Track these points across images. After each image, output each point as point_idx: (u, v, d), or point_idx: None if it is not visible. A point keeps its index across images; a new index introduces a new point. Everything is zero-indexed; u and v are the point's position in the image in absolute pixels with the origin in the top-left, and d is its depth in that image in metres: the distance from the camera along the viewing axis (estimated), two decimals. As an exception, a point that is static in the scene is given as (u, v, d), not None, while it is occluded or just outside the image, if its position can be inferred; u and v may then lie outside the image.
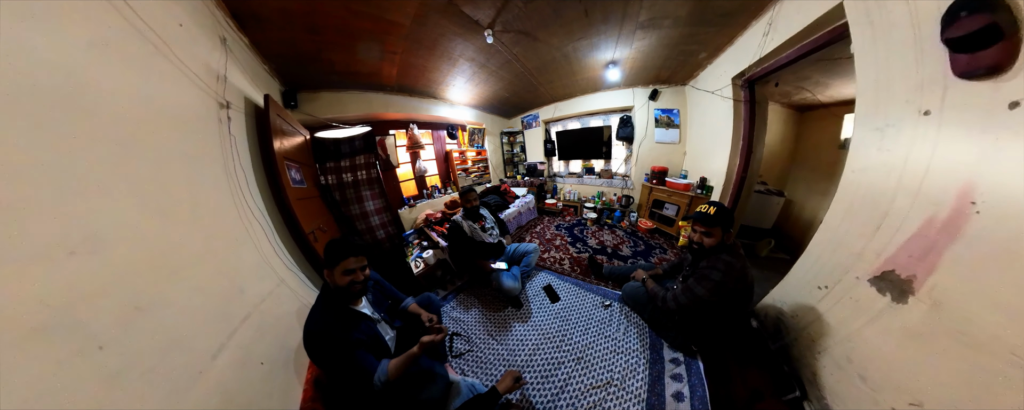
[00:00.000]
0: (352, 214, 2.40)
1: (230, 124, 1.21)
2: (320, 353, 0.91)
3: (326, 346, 0.89)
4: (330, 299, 0.98)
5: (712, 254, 1.23)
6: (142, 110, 0.78)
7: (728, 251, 1.22)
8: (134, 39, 0.80)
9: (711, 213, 1.21)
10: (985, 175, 0.68)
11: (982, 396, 0.64)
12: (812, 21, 1.32)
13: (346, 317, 0.98)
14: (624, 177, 3.79)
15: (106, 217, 0.62)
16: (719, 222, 1.20)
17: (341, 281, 0.96)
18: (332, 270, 0.96)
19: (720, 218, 1.20)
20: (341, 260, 0.95)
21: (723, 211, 1.22)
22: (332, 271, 0.96)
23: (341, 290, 0.98)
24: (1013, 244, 0.62)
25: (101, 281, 0.58)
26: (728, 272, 1.16)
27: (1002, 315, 0.62)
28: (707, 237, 1.23)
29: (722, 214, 1.21)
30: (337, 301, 0.99)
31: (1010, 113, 0.63)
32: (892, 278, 0.86)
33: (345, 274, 0.96)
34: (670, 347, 1.44)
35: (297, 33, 1.64)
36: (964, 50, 0.69)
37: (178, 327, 0.71)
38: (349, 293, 0.99)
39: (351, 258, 0.96)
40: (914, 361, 0.76)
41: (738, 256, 1.21)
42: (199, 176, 0.97)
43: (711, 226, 1.21)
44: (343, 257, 0.96)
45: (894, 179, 0.91)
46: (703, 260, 1.26)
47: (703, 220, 1.22)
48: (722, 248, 1.23)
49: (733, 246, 1.24)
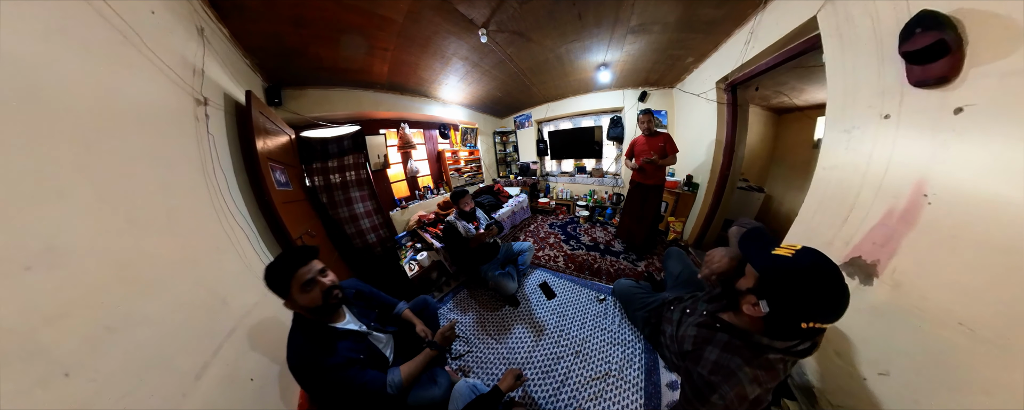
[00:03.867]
0: (341, 217, 2.32)
1: (208, 122, 1.12)
2: (314, 388, 0.81)
3: (317, 379, 0.79)
4: (305, 326, 0.83)
5: (732, 341, 0.72)
6: (108, 106, 0.70)
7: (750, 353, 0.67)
8: (99, 26, 0.71)
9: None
10: (936, 171, 0.78)
11: (938, 361, 0.74)
12: (789, 32, 1.43)
13: (329, 339, 0.84)
14: (615, 176, 3.90)
15: (66, 226, 0.55)
16: (773, 292, 0.62)
17: (309, 300, 0.80)
18: (290, 295, 0.79)
19: (776, 290, 0.62)
20: (290, 277, 0.78)
21: (791, 281, 0.60)
22: (291, 296, 0.80)
23: (319, 310, 0.82)
24: (958, 231, 0.72)
25: (63, 299, 0.52)
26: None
27: (951, 292, 0.72)
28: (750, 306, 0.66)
29: (785, 285, 0.60)
30: (313, 325, 0.84)
31: (955, 118, 0.73)
32: (859, 263, 0.95)
33: (305, 290, 0.79)
34: (667, 369, 1.31)
35: (282, 25, 1.55)
36: (918, 62, 0.78)
37: (155, 346, 0.66)
38: (328, 307, 0.84)
39: (299, 268, 0.79)
40: (881, 335, 0.86)
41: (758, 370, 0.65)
42: (174, 179, 0.89)
43: (764, 295, 0.64)
44: (290, 272, 0.78)
45: (860, 175, 1.02)
46: (722, 334, 0.75)
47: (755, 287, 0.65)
48: (749, 344, 0.69)
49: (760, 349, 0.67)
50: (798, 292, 0.59)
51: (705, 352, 0.75)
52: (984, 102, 0.68)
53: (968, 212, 0.70)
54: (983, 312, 0.66)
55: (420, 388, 0.97)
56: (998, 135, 0.65)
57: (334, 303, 0.85)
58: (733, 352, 0.70)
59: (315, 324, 0.85)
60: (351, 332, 0.92)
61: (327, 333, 0.86)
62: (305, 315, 0.84)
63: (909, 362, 0.80)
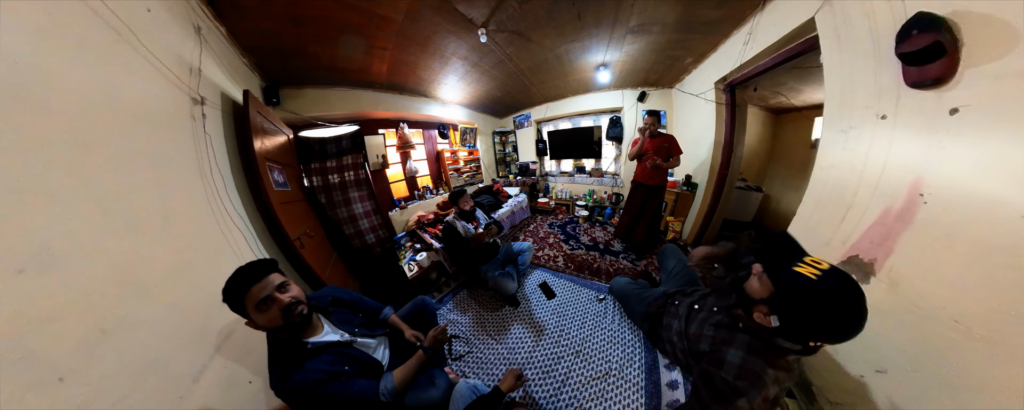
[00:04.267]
0: (340, 218, 2.32)
1: (205, 122, 1.10)
2: (303, 408, 0.76)
3: (302, 400, 0.74)
4: (278, 346, 0.78)
5: (751, 339, 0.72)
6: (103, 106, 0.69)
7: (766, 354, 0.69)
8: (93, 24, 0.70)
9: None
10: (931, 171, 0.79)
11: (933, 358, 0.75)
12: (787, 33, 1.44)
13: (304, 357, 0.78)
14: (614, 175, 3.91)
15: (60, 229, 0.54)
16: (787, 310, 0.64)
17: (267, 320, 0.73)
18: (248, 316, 0.73)
19: (790, 309, 0.63)
20: (243, 298, 0.70)
21: (804, 301, 0.61)
22: (249, 317, 0.73)
23: (282, 329, 0.76)
24: (953, 230, 0.73)
25: (57, 302, 0.51)
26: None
27: (946, 289, 0.73)
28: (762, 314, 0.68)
29: (801, 306, 0.61)
30: (286, 344, 0.79)
31: (950, 118, 0.74)
32: (857, 262, 0.97)
33: (261, 309, 0.71)
34: (667, 367, 1.29)
35: (280, 24, 1.54)
36: (914, 63, 0.79)
37: (152, 350, 0.65)
38: (291, 327, 0.76)
39: (253, 287, 0.70)
40: (878, 333, 0.87)
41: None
42: (170, 180, 0.87)
43: (776, 310, 0.65)
44: (242, 293, 0.70)
45: (857, 175, 1.03)
46: (741, 333, 0.75)
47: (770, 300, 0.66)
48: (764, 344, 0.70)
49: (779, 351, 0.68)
50: (812, 316, 0.59)
51: (727, 355, 0.73)
52: (979, 103, 0.69)
53: (963, 211, 0.71)
54: (978, 310, 0.67)
55: (418, 390, 0.96)
56: (993, 135, 0.66)
57: (297, 321, 0.76)
58: (757, 355, 0.70)
59: (288, 342, 0.79)
60: (331, 344, 0.86)
61: (301, 351, 0.79)
62: (276, 334, 0.78)
63: (906, 360, 0.81)
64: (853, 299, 0.58)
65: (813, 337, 0.62)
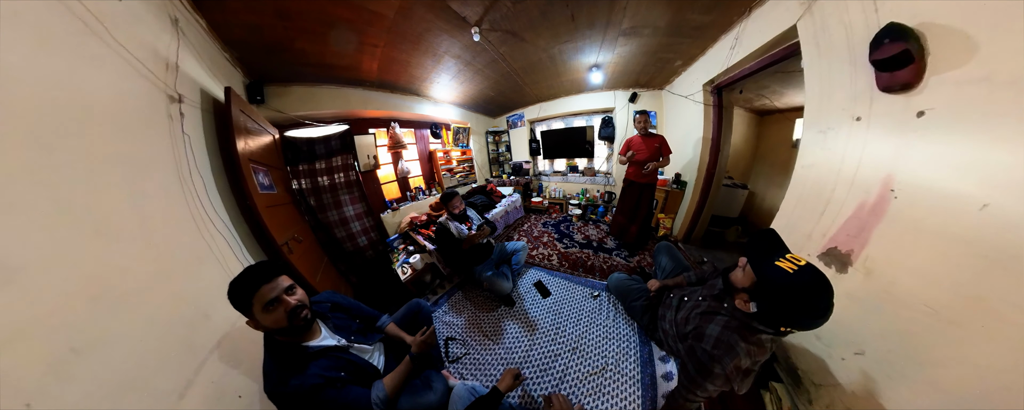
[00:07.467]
0: (329, 221, 2.26)
1: (183, 121, 1.04)
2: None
3: (296, 405, 0.74)
4: (276, 348, 0.78)
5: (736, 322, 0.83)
6: (68, 104, 0.64)
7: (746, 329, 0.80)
8: (57, 13, 0.63)
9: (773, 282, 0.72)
10: (901, 168, 0.86)
11: (907, 340, 0.82)
12: (771, 38, 1.51)
13: (303, 361, 0.78)
14: (606, 174, 3.98)
15: (19, 239, 0.50)
16: (764, 299, 0.76)
17: (272, 321, 0.73)
18: (252, 315, 0.73)
19: (767, 298, 0.75)
20: (251, 296, 0.71)
21: (784, 293, 0.70)
22: (253, 317, 0.73)
23: (284, 331, 0.76)
24: (921, 222, 0.80)
25: (19, 320, 0.47)
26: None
27: (915, 277, 0.80)
28: (744, 301, 0.81)
29: (776, 296, 0.72)
30: (285, 347, 0.79)
31: (918, 120, 0.81)
32: (835, 253, 1.04)
33: (268, 310, 0.72)
34: (662, 360, 1.38)
35: (265, 17, 1.44)
36: (886, 69, 0.86)
37: (130, 367, 0.61)
38: (294, 329, 0.77)
39: (263, 286, 0.72)
40: (856, 318, 0.94)
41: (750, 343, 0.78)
42: (146, 184, 0.81)
43: (755, 298, 0.78)
44: (251, 291, 0.71)
45: (834, 172, 1.10)
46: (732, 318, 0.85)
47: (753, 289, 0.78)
48: (744, 324, 0.81)
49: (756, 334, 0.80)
50: (786, 306, 0.71)
51: (707, 329, 0.87)
52: (943, 107, 0.76)
53: (929, 205, 0.78)
54: (944, 295, 0.73)
55: (415, 395, 0.95)
56: (955, 136, 0.73)
57: (301, 324, 0.78)
58: (732, 330, 0.83)
59: (286, 345, 0.79)
60: (328, 349, 0.86)
61: (300, 354, 0.79)
62: (275, 336, 0.78)
63: (882, 341, 0.88)
64: (822, 293, 0.67)
65: (785, 323, 0.73)
